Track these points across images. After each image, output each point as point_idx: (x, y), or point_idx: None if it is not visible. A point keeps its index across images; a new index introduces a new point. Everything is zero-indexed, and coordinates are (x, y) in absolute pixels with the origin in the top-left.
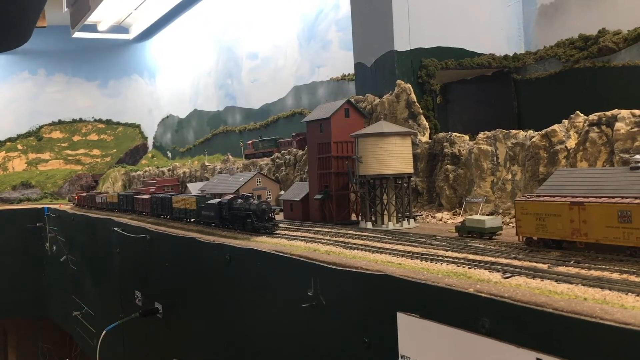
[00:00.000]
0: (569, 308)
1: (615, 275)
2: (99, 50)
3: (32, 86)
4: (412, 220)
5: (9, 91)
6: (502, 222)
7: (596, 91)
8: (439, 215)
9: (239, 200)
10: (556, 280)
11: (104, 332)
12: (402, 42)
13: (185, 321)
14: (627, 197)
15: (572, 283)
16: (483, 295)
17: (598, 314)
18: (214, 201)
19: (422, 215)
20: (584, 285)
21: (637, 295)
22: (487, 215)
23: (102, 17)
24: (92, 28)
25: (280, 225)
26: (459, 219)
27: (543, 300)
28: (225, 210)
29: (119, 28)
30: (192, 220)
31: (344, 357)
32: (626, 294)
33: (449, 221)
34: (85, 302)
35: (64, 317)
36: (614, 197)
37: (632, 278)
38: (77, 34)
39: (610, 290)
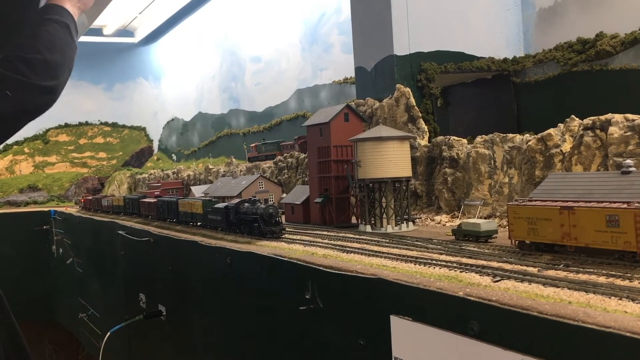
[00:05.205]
0: (553, 311)
1: (602, 279)
2: (104, 53)
3: None
4: (410, 223)
5: None
6: (499, 225)
7: (594, 94)
8: (437, 218)
9: (246, 204)
10: (543, 284)
11: (108, 333)
12: (402, 46)
13: (187, 323)
14: (615, 202)
15: (558, 287)
16: (472, 298)
17: (580, 317)
18: (221, 205)
19: (421, 218)
20: (569, 289)
21: (620, 299)
22: (485, 218)
23: (107, 20)
24: (98, 32)
25: None
26: (457, 222)
27: (529, 304)
28: (232, 214)
29: (124, 32)
30: (199, 224)
31: (340, 359)
32: (609, 298)
33: (448, 224)
34: (91, 304)
35: (70, 319)
36: (603, 202)
37: (618, 282)
38: (83, 38)
39: (594, 293)
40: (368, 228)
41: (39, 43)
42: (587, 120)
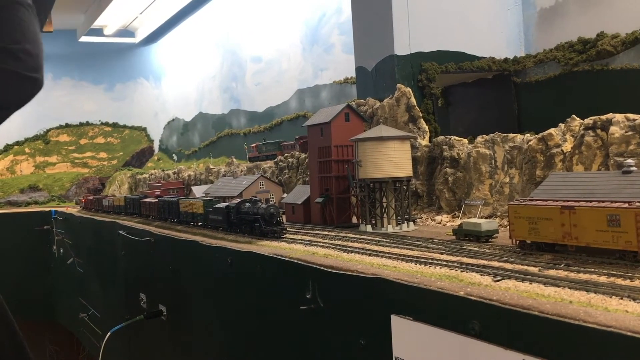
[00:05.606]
0: (554, 311)
1: (603, 279)
2: (105, 54)
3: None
4: (411, 223)
5: None
6: (499, 225)
7: (595, 94)
8: (438, 217)
9: (247, 204)
10: (544, 284)
11: (109, 333)
12: (402, 46)
13: (188, 323)
14: (616, 201)
15: (559, 286)
16: (473, 298)
17: (581, 317)
18: (222, 205)
19: (421, 217)
20: (570, 288)
21: (621, 298)
22: (486, 218)
23: (108, 21)
24: (99, 32)
25: None
26: (458, 222)
27: (530, 303)
28: (234, 214)
29: (125, 32)
30: (200, 224)
31: (341, 359)
32: (610, 297)
33: (448, 224)
34: (92, 304)
35: (70, 319)
36: (603, 201)
37: (619, 281)
38: (84, 38)
39: (595, 293)
40: (369, 228)
41: (15, 31)
42: (588, 120)
